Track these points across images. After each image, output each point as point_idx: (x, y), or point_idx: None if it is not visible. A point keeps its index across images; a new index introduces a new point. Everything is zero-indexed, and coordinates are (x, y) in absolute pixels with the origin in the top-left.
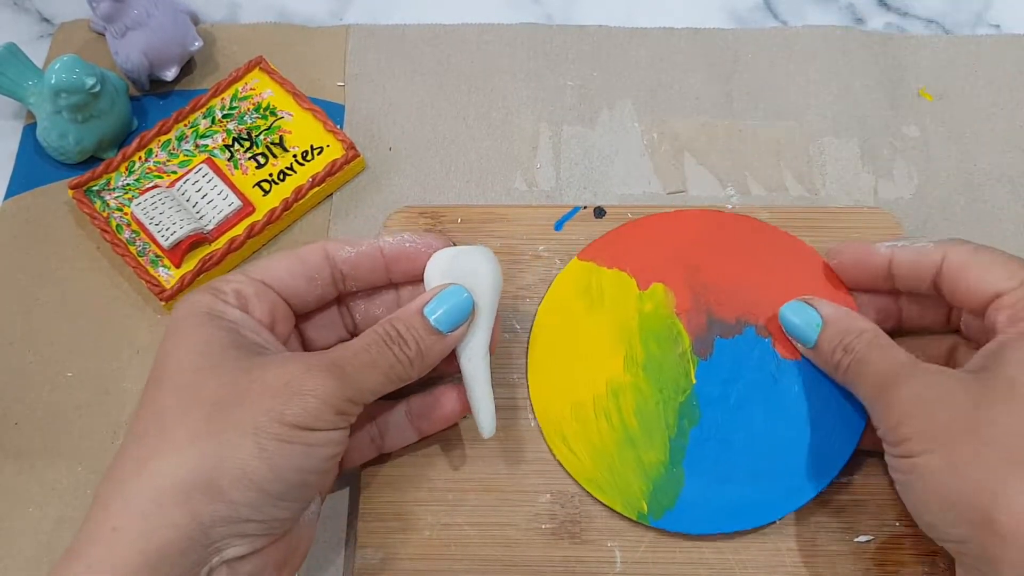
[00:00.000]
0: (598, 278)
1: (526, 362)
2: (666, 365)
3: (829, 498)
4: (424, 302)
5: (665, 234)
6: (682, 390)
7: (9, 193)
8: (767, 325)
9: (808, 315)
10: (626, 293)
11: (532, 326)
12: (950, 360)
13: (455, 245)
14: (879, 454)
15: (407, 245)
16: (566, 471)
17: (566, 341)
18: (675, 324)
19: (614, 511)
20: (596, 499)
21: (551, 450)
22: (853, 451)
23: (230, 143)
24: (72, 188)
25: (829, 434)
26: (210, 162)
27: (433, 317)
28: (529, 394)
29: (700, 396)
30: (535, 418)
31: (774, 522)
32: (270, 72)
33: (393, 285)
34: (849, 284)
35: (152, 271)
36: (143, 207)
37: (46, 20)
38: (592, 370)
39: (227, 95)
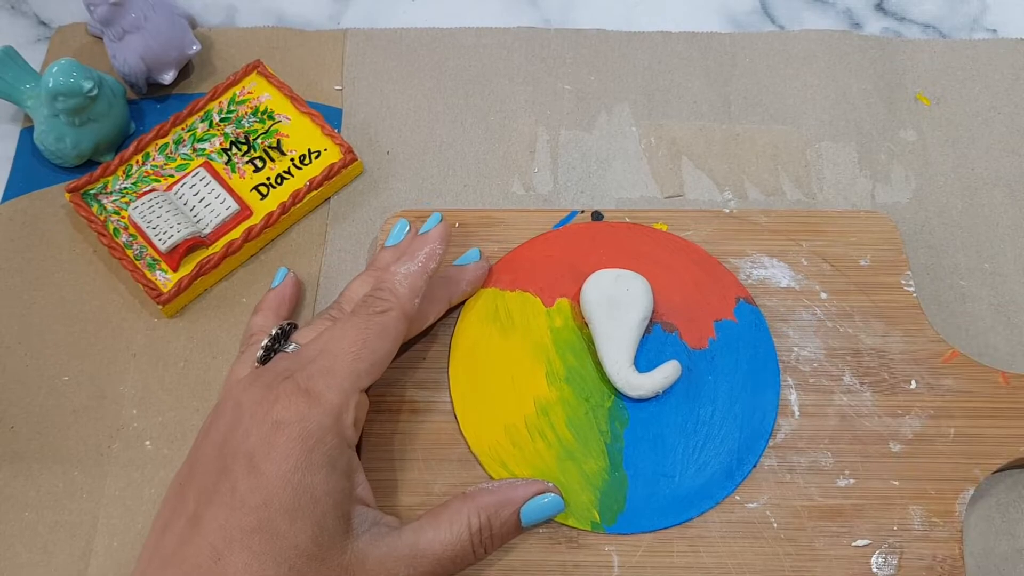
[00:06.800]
0: (503, 301)
1: (449, 395)
2: (587, 374)
3: (827, 502)
4: (523, 500)
5: (557, 250)
6: (607, 395)
7: (6, 196)
8: (670, 320)
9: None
10: (534, 312)
11: (448, 359)
12: None
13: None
14: (879, 458)
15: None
16: None
17: (486, 368)
18: (586, 334)
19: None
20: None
21: (491, 478)
22: (774, 422)
23: (227, 147)
24: (69, 192)
25: (751, 410)
26: (207, 166)
27: (527, 520)
28: (459, 426)
29: (625, 398)
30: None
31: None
32: (268, 76)
33: None
34: None
35: (149, 275)
36: (140, 211)
37: (43, 24)
38: (518, 392)
39: (225, 99)
